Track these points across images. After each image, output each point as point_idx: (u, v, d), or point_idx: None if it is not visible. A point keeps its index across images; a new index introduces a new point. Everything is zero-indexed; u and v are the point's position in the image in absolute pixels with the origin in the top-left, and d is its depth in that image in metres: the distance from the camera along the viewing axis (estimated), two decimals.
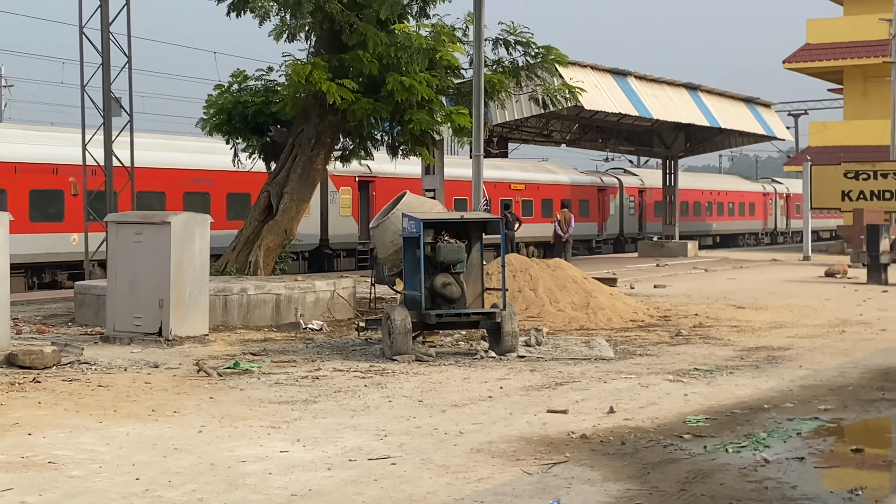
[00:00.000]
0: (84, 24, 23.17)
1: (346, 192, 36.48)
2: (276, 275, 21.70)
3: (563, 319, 18.54)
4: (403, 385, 12.27)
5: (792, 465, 8.51)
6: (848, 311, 21.29)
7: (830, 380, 12.82)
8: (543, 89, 24.00)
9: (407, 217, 14.77)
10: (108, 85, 23.22)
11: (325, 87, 19.95)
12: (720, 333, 17.46)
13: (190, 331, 15.69)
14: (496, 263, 18.81)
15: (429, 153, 22.99)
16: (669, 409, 10.90)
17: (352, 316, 19.34)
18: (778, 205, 68.63)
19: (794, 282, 29.50)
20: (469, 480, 7.97)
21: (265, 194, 22.18)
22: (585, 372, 13.27)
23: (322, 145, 21.99)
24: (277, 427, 9.86)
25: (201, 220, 16.25)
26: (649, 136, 45.79)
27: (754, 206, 65.21)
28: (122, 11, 23.28)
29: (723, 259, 41.84)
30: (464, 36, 22.00)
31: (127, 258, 15.99)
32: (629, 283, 27.14)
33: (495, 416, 10.44)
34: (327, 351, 15.22)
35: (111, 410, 10.60)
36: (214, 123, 22.79)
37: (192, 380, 12.54)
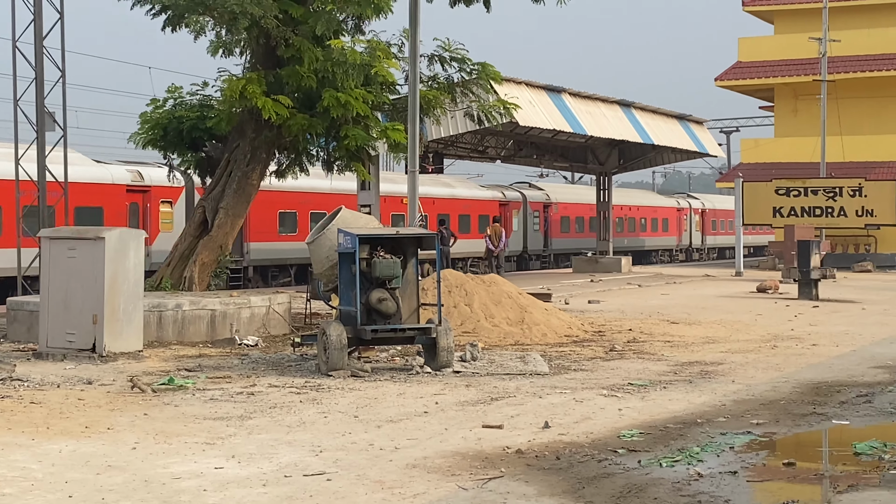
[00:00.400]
0: (17, 37, 22.92)
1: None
2: (212, 290, 21.57)
3: (498, 335, 18.61)
4: (339, 401, 12.26)
5: (725, 479, 8.61)
6: (779, 326, 21.57)
7: (762, 394, 12.99)
8: (478, 105, 24.09)
9: (342, 232, 14.77)
10: (42, 99, 22.96)
11: (261, 102, 19.90)
12: (654, 348, 17.61)
13: (124, 347, 15.56)
14: (431, 279, 18.85)
15: (364, 169, 22.99)
16: (604, 423, 10.98)
17: (287, 331, 19.27)
18: (693, 220, 66.51)
19: (727, 297, 29.83)
20: (405, 496, 7.99)
21: (200, 210, 22.05)
22: (520, 387, 13.33)
23: (258, 160, 21.90)
24: (212, 443, 9.81)
25: (135, 235, 16.14)
26: (584, 153, 46.09)
27: (668, 221, 62.97)
28: (56, 25, 23.06)
29: (656, 275, 42.20)
30: (399, 52, 22.05)
31: (60, 274, 15.83)
32: (564, 298, 27.29)
33: (431, 432, 10.46)
34: (262, 367, 15.16)
35: (44, 427, 10.48)
36: (149, 138, 22.60)
37: (126, 396, 12.43)
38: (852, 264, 46.05)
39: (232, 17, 20.11)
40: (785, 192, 44.98)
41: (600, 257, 45.76)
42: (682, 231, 64.86)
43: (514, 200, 49.08)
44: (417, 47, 21.04)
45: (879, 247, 49.33)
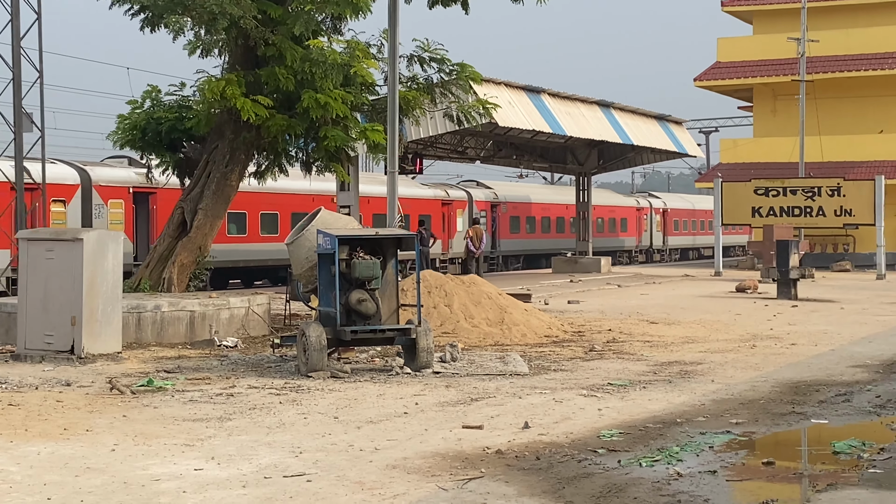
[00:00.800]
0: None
1: (116, 206, 31.23)
2: (191, 291, 21.52)
3: (478, 335, 18.62)
4: (319, 402, 12.24)
5: (704, 478, 8.64)
6: (758, 325, 21.65)
7: (741, 394, 13.03)
8: (458, 106, 24.11)
9: (322, 233, 14.76)
10: (19, 100, 22.89)
11: (240, 103, 19.87)
12: (633, 348, 17.65)
13: (103, 348, 15.50)
14: (411, 279, 18.85)
15: (344, 170, 22.97)
16: (584, 423, 11.00)
17: (266, 332, 19.24)
18: (654, 220, 63.62)
19: (706, 297, 29.93)
20: (385, 497, 7.98)
21: (179, 211, 22.00)
22: (500, 387, 13.34)
23: (237, 161, 21.87)
24: (192, 445, 9.78)
25: (114, 236, 16.09)
26: (563, 153, 46.16)
27: (626, 221, 59.93)
28: (34, 26, 22.98)
29: (636, 275, 42.29)
30: (379, 52, 22.04)
31: (38, 275, 15.77)
32: (543, 298, 27.32)
33: (410, 433, 10.46)
34: (242, 368, 15.13)
35: (22, 430, 10.43)
36: (127, 139, 22.53)
37: (104, 398, 12.39)
38: (831, 264, 46.28)
39: (211, 17, 20.06)
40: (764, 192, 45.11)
41: (580, 257, 45.83)
42: (642, 231, 62.13)
43: (458, 199, 45.91)
44: (397, 48, 21.04)
45: (858, 246, 49.57)
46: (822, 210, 44.79)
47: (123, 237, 16.39)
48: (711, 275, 41.95)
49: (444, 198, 45.90)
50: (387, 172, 21.92)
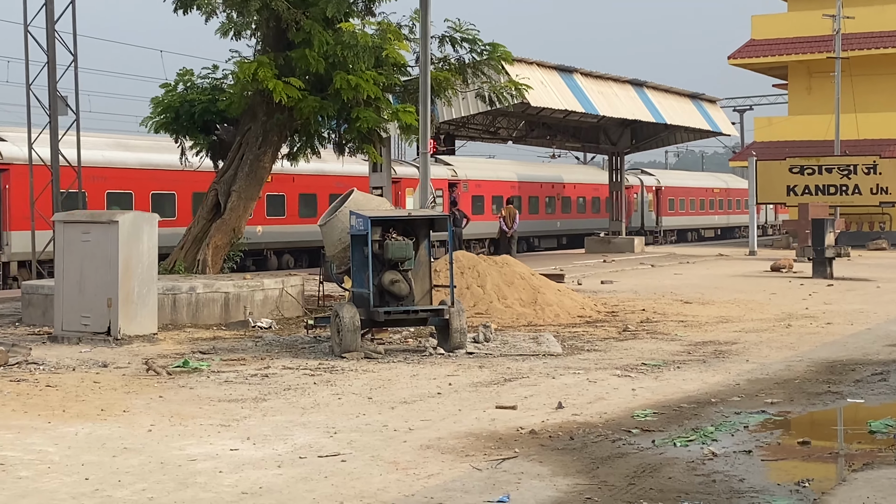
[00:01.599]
0: (29, 22, 22.97)
1: None
2: (225, 273, 21.62)
3: (510, 316, 18.62)
4: (353, 382, 12.29)
5: (739, 458, 8.62)
6: (793, 305, 21.54)
7: (777, 373, 12.98)
8: (490, 86, 24.05)
9: (354, 215, 14.78)
10: (54, 83, 23.02)
11: (272, 85, 19.90)
12: (667, 328, 17.61)
13: (138, 330, 15.61)
14: (444, 260, 18.86)
15: (376, 151, 22.99)
16: (617, 403, 10.99)
17: (300, 314, 19.31)
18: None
19: (740, 277, 29.79)
20: (419, 476, 8.01)
21: (213, 193, 22.08)
22: (534, 368, 13.34)
23: (269, 143, 21.91)
24: (227, 425, 9.85)
25: (149, 218, 16.17)
26: (596, 133, 46.00)
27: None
28: (68, 10, 23.10)
29: (669, 254, 42.16)
30: (410, 34, 22.00)
31: (74, 257, 15.88)
32: (576, 279, 27.28)
33: (444, 413, 10.48)
34: (276, 349, 15.20)
35: (60, 410, 10.53)
36: (161, 122, 22.64)
37: (141, 379, 12.48)
38: (867, 242, 45.92)
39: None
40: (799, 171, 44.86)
41: (613, 237, 45.73)
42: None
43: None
44: (428, 28, 20.99)
45: (894, 224, 49.18)
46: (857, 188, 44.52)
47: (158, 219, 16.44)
48: (746, 254, 41.74)
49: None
50: (419, 153, 21.92)
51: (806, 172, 44.93)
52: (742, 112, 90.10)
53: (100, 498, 7.39)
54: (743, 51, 55.29)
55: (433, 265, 15.80)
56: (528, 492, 7.59)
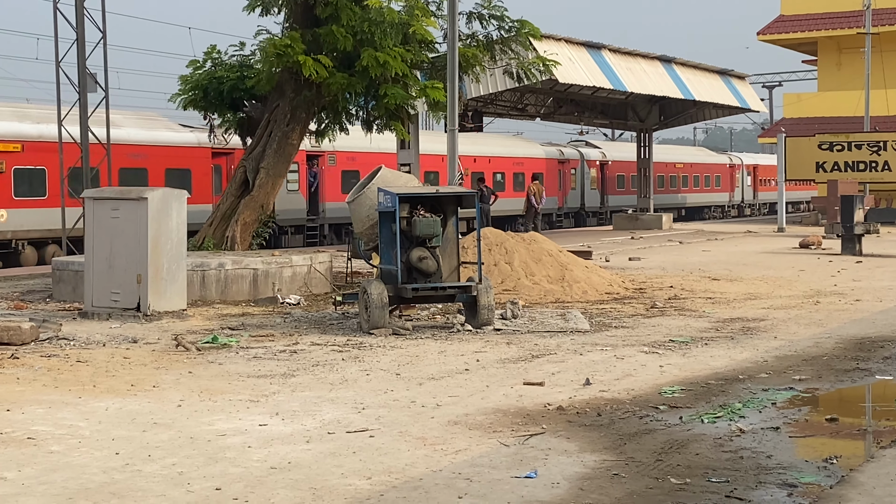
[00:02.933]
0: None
1: None
2: (253, 250, 21.71)
3: (538, 292, 18.62)
4: (381, 358, 12.33)
5: (767, 434, 8.61)
6: (822, 281, 21.45)
7: (805, 350, 12.94)
8: (518, 63, 24.00)
9: (382, 191, 14.80)
10: (83, 60, 23.11)
11: (302, 59, 19.91)
12: (695, 305, 17.57)
13: (168, 306, 15.70)
14: (471, 237, 18.86)
15: (404, 128, 23.00)
16: (645, 380, 10.99)
17: (329, 290, 19.37)
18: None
19: (769, 253, 29.67)
20: (446, 452, 8.04)
21: (241, 169, 22.17)
22: (561, 344, 13.35)
23: (297, 120, 21.96)
24: (256, 401, 9.91)
25: (178, 195, 16.23)
26: (624, 109, 45.86)
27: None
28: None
29: (697, 231, 42.03)
30: (438, 10, 21.98)
31: (104, 234, 15.97)
32: (604, 256, 27.24)
33: (472, 389, 10.51)
34: (305, 325, 15.26)
35: (90, 386, 10.62)
36: (189, 99, 22.73)
37: (170, 354, 12.56)
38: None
39: None
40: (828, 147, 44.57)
41: (641, 214, 45.62)
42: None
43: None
44: (456, 5, 20.95)
45: None
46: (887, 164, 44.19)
47: (187, 195, 16.52)
48: (774, 231, 41.56)
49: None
50: (447, 130, 21.90)
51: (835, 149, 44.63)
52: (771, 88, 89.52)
53: (130, 472, 7.46)
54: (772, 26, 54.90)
55: (461, 242, 15.80)
56: (556, 468, 7.61)
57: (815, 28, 53.44)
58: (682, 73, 41.31)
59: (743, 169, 64.46)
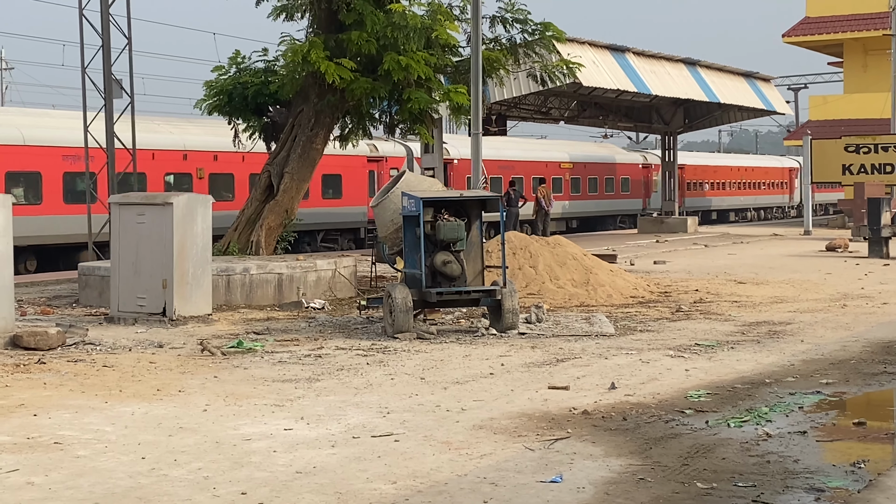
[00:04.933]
0: (84, 6, 23.16)
1: None
2: (278, 254, 21.75)
3: (563, 296, 18.59)
4: (405, 363, 12.33)
5: (794, 439, 8.56)
6: (849, 285, 21.33)
7: (832, 354, 12.87)
8: (541, 66, 23.97)
9: (406, 195, 14.80)
10: (109, 67, 23.20)
11: (324, 66, 19.94)
12: (721, 309, 17.50)
13: (193, 310, 15.74)
14: (496, 241, 18.84)
15: (427, 132, 22.99)
16: (671, 384, 10.95)
17: (353, 294, 19.38)
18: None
19: (795, 256, 29.54)
20: (472, 456, 8.03)
21: (266, 174, 22.21)
22: (586, 348, 13.32)
23: (321, 125, 21.99)
24: (281, 405, 9.92)
25: (203, 200, 16.29)
26: (648, 113, 45.75)
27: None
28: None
29: (723, 234, 41.88)
30: (461, 14, 21.97)
31: (130, 239, 16.04)
32: (629, 259, 27.18)
33: (497, 393, 10.49)
34: (329, 329, 15.28)
35: (116, 390, 10.66)
36: (214, 104, 22.80)
37: (196, 359, 12.60)
38: None
39: None
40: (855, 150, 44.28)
41: (666, 218, 45.50)
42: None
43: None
44: (479, 8, 20.94)
45: None
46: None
47: (212, 200, 16.56)
48: (801, 234, 41.37)
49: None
50: (470, 134, 21.89)
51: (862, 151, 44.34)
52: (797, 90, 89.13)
53: (156, 477, 7.48)
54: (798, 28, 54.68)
55: (485, 246, 15.78)
56: (581, 472, 7.59)
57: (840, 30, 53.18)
58: (707, 75, 41.18)
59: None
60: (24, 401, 10.08)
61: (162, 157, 30.05)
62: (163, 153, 30.12)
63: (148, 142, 28.48)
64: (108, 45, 23.11)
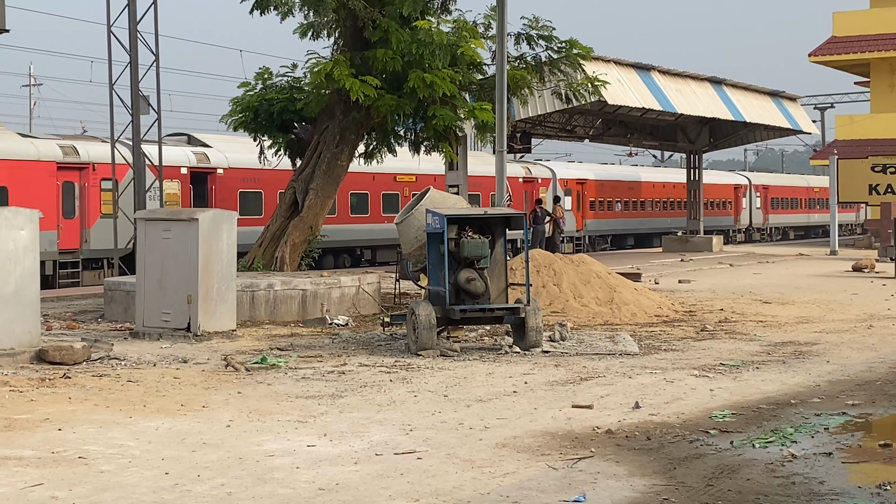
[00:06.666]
0: (112, 23, 23.35)
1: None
2: (302, 270, 21.79)
3: (587, 314, 18.55)
4: (428, 380, 12.32)
5: (819, 460, 8.51)
6: (875, 305, 21.21)
7: (858, 375, 12.79)
8: (566, 84, 23.97)
9: (430, 213, 14.82)
10: (136, 83, 23.36)
11: (349, 84, 20.01)
12: (746, 328, 17.43)
13: (218, 326, 15.78)
14: (520, 259, 18.83)
15: (452, 150, 23.02)
16: (695, 404, 10.90)
17: (377, 311, 19.40)
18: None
19: (821, 276, 29.39)
20: (494, 475, 8.01)
21: (291, 191, 22.29)
22: (610, 367, 13.28)
23: (346, 142, 22.06)
24: (304, 421, 9.92)
25: (228, 216, 16.34)
26: (673, 131, 45.67)
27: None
28: (150, 10, 23.43)
29: (748, 254, 41.72)
30: (486, 31, 22.01)
31: (155, 254, 16.09)
32: (653, 278, 27.10)
33: (520, 411, 10.47)
34: (353, 346, 15.29)
35: (140, 405, 10.68)
36: (240, 120, 22.90)
37: (220, 375, 12.62)
38: None
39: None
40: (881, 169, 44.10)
41: (690, 237, 45.37)
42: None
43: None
44: (505, 26, 20.96)
45: None
46: None
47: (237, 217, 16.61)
48: (827, 254, 41.18)
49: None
50: (495, 152, 21.89)
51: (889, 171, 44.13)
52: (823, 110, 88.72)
53: (179, 492, 7.49)
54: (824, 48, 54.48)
55: (509, 263, 15.77)
56: (605, 492, 7.56)
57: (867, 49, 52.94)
58: (733, 94, 41.09)
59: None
60: (49, 415, 10.12)
61: None
62: None
63: None
64: (136, 61, 23.27)
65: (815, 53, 54.66)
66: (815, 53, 54.66)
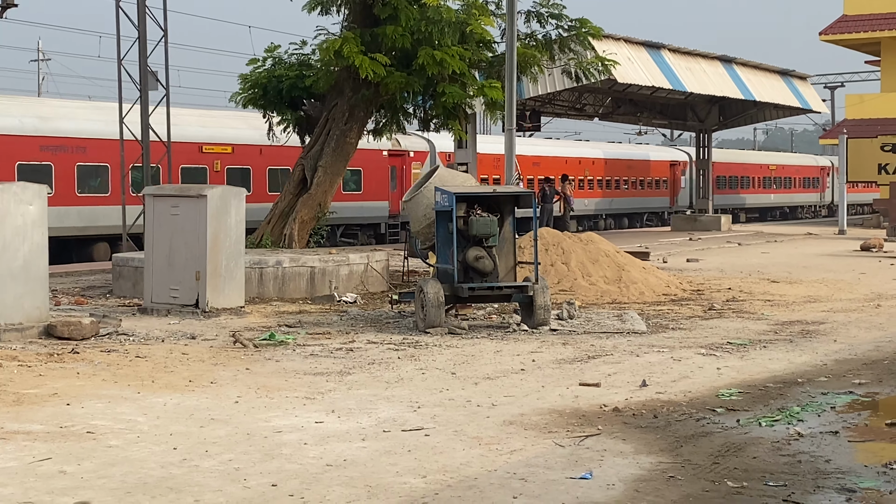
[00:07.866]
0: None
1: None
2: (311, 248, 21.81)
3: (595, 293, 18.56)
4: (436, 357, 12.34)
5: (826, 439, 8.52)
6: (883, 285, 21.19)
7: (865, 354, 12.79)
8: (576, 62, 23.90)
9: (439, 191, 14.81)
10: (145, 58, 23.34)
11: (358, 61, 19.98)
12: (754, 307, 17.42)
13: (226, 303, 15.81)
14: (528, 237, 18.84)
15: (461, 127, 22.99)
16: (702, 382, 10.91)
17: (385, 289, 19.42)
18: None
19: (829, 256, 29.35)
20: (501, 452, 8.03)
21: (299, 168, 22.29)
22: (618, 345, 13.29)
23: (355, 119, 22.03)
24: (312, 398, 9.95)
25: (237, 193, 16.35)
26: (683, 110, 45.56)
27: None
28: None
29: (757, 233, 41.68)
30: (497, 9, 21.95)
31: (164, 231, 16.12)
32: (662, 257, 27.09)
33: (528, 389, 10.49)
34: (361, 323, 15.31)
35: (149, 381, 10.72)
36: (249, 97, 22.89)
37: (228, 351, 12.65)
38: None
39: None
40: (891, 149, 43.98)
41: (699, 215, 45.32)
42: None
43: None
44: (514, 3, 20.90)
45: None
46: None
47: (246, 193, 16.63)
48: (835, 233, 41.12)
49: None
50: (504, 130, 21.86)
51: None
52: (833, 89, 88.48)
53: (187, 467, 7.52)
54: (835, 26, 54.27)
55: (517, 242, 15.77)
56: (611, 469, 7.58)
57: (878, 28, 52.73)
58: (743, 73, 40.98)
59: None
60: (58, 390, 10.15)
61: None
62: None
63: None
64: (144, 36, 23.24)
65: (825, 32, 54.46)
66: (825, 32, 54.46)
